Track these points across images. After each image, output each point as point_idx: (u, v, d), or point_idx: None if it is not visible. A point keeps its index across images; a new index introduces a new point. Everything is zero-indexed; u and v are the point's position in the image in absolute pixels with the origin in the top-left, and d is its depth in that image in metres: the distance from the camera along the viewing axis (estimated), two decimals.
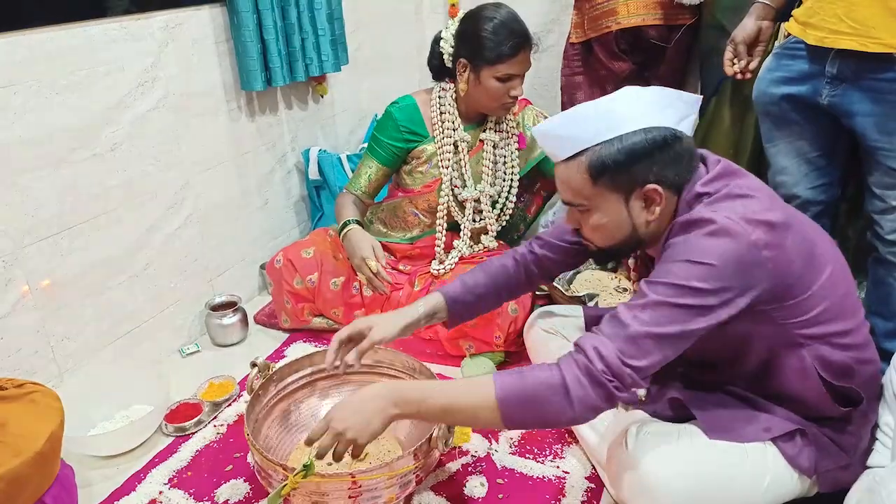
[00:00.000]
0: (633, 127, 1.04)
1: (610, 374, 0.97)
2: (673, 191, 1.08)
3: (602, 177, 1.06)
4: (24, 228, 1.45)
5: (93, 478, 1.43)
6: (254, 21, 1.88)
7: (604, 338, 1.00)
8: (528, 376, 1.02)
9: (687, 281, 0.98)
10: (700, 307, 0.98)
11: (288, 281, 1.86)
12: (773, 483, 1.10)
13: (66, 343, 1.58)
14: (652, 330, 0.98)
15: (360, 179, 1.90)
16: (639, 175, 1.05)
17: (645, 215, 1.09)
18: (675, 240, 1.04)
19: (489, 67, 1.70)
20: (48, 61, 1.45)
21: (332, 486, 1.14)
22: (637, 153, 1.04)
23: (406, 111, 1.86)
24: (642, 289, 1.02)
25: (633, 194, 1.07)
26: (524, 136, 1.91)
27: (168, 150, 1.78)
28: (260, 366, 1.41)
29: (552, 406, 0.99)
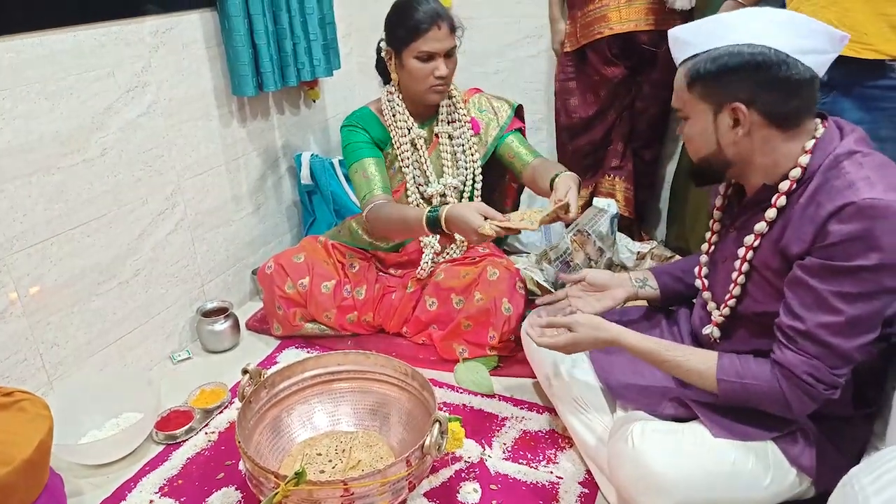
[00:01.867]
0: (739, 40, 1.01)
1: (828, 388, 1.04)
2: (768, 119, 1.04)
3: (695, 84, 1.06)
4: (12, 235, 1.44)
5: (82, 487, 1.42)
6: (245, 26, 1.88)
7: (815, 361, 1.03)
8: (749, 386, 1.09)
9: (880, 285, 0.98)
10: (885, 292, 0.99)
11: (279, 286, 1.85)
12: (774, 481, 1.11)
13: (55, 350, 1.57)
14: (858, 342, 1.01)
15: (373, 182, 1.74)
16: (729, 90, 1.04)
17: (731, 134, 1.07)
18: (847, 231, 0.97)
19: (406, 49, 1.70)
20: (37, 66, 1.44)
21: (324, 493, 1.13)
22: (729, 67, 1.02)
23: (364, 119, 1.85)
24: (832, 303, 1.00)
25: (723, 109, 1.06)
26: (477, 120, 1.90)
27: (158, 155, 1.77)
28: (251, 372, 1.40)
29: (772, 408, 1.09)
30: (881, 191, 0.96)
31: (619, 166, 2.30)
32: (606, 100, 2.19)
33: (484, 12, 2.40)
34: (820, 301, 1.01)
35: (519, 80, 2.50)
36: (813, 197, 1.03)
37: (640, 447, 1.13)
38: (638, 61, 2.12)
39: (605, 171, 2.32)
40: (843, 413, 1.13)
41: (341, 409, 1.51)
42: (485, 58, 2.49)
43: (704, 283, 1.28)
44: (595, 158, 2.34)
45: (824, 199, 1.00)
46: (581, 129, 2.26)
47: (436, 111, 1.87)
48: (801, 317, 1.02)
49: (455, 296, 1.80)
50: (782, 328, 1.06)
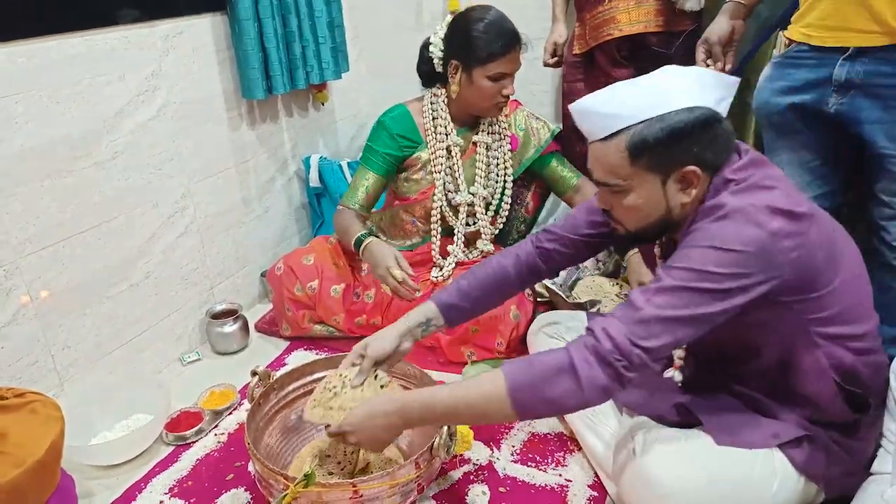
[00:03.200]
0: (677, 105, 1.02)
1: (618, 354, 0.97)
2: (709, 173, 1.06)
3: (642, 156, 1.04)
4: (24, 237, 1.45)
5: (93, 487, 1.43)
6: (255, 29, 1.89)
7: (614, 319, 1.00)
8: (535, 361, 1.03)
9: (704, 266, 0.97)
10: (716, 291, 0.98)
11: (288, 288, 1.86)
12: (780, 489, 1.09)
13: (66, 352, 1.58)
14: (664, 313, 0.98)
15: (358, 193, 1.87)
16: (679, 156, 1.04)
17: (681, 197, 1.07)
18: (697, 225, 1.03)
19: (481, 67, 1.71)
20: (49, 71, 1.45)
21: (333, 495, 1.13)
22: (680, 133, 1.02)
23: (399, 119, 1.87)
24: (659, 274, 1.02)
25: (672, 175, 1.05)
26: (516, 137, 1.92)
27: (169, 158, 1.78)
28: (261, 374, 1.41)
29: (560, 387, 0.99)
30: (731, 198, 1.01)
31: None
32: None
33: None
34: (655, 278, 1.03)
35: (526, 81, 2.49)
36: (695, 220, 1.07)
37: (642, 457, 1.12)
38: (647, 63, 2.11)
39: None
40: (846, 418, 1.11)
41: None
42: None
43: None
44: None
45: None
46: None
47: (476, 120, 1.88)
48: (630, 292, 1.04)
49: None
50: None
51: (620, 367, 0.97)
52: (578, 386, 0.98)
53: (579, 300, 1.84)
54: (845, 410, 1.09)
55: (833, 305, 1.04)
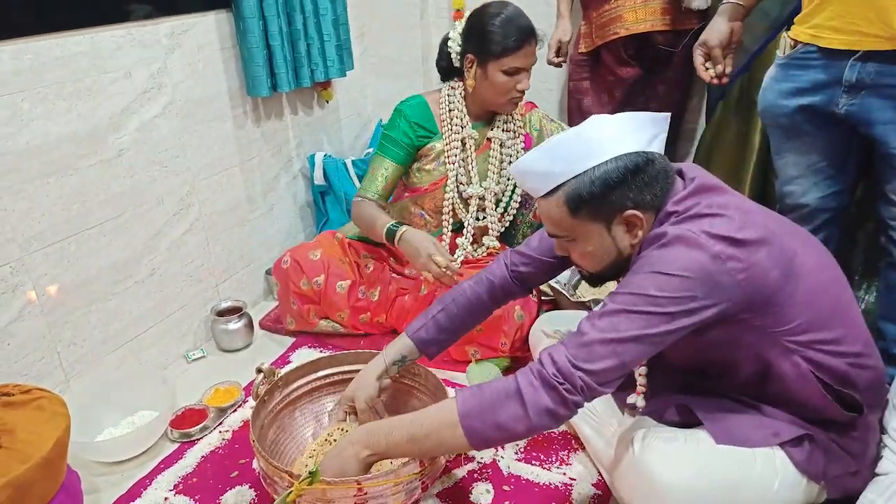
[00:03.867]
0: (605, 156, 1.04)
1: (560, 377, 0.99)
2: (652, 212, 1.08)
3: (580, 209, 1.07)
4: (31, 234, 1.46)
5: (99, 484, 1.43)
6: (259, 27, 1.89)
7: (560, 345, 1.03)
8: (486, 388, 1.05)
9: (645, 290, 1.00)
10: (658, 314, 0.99)
11: (294, 282, 1.86)
12: (781, 488, 1.09)
13: (72, 349, 1.59)
14: (606, 335, 1.00)
15: (376, 182, 1.86)
16: (616, 203, 1.06)
17: (628, 239, 1.10)
18: (641, 254, 1.06)
19: (496, 61, 1.72)
20: (55, 68, 1.45)
21: (337, 492, 1.13)
22: (611, 182, 1.04)
23: (417, 108, 1.87)
24: (605, 300, 1.04)
25: (614, 221, 1.08)
26: (530, 136, 1.92)
27: (174, 156, 1.78)
28: (265, 371, 1.41)
29: (508, 412, 1.02)
30: (671, 227, 1.03)
31: None
32: (620, 100, 2.18)
33: None
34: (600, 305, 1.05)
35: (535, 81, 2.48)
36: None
37: (641, 455, 1.12)
38: (652, 61, 2.11)
39: None
40: (842, 418, 1.11)
41: None
42: None
43: None
44: None
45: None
46: None
47: (492, 116, 1.88)
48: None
49: None
50: None
51: (563, 391, 0.99)
52: (524, 410, 1.00)
53: (583, 299, 1.84)
54: (839, 410, 1.09)
55: (798, 316, 1.04)
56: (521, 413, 1.01)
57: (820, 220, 1.57)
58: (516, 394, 1.01)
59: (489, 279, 1.41)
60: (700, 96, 2.27)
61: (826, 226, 1.57)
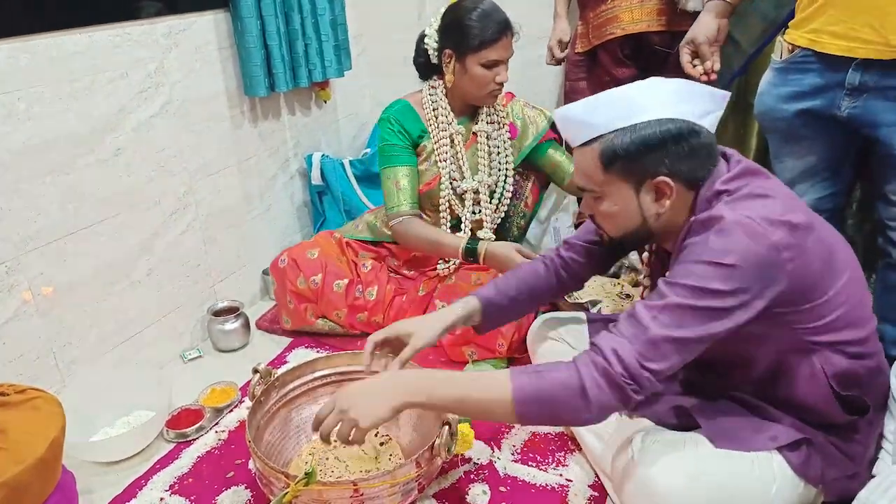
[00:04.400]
0: (648, 117, 1.02)
1: (628, 377, 0.97)
2: (686, 185, 1.06)
3: (613, 165, 1.05)
4: (27, 234, 1.45)
5: (94, 484, 1.43)
6: (257, 27, 1.89)
7: (623, 339, 0.99)
8: (545, 376, 1.02)
9: (707, 283, 0.97)
10: (720, 309, 0.97)
11: (291, 280, 1.86)
12: (779, 492, 1.09)
13: (68, 349, 1.58)
14: (672, 333, 0.97)
15: (405, 192, 1.81)
16: (649, 166, 1.04)
17: (655, 207, 1.08)
18: (694, 239, 1.02)
19: (474, 54, 1.73)
20: (51, 68, 1.45)
21: (334, 493, 1.14)
22: (649, 144, 1.02)
23: (402, 112, 1.87)
24: (661, 289, 1.01)
25: (644, 185, 1.06)
26: (514, 125, 1.94)
27: (171, 155, 1.78)
28: (262, 372, 1.41)
29: (568, 406, 1.00)
30: (727, 210, 1.00)
31: None
32: None
33: None
34: (656, 291, 1.02)
35: (528, 81, 2.50)
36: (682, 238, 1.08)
37: (640, 459, 1.11)
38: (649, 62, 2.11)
39: None
40: (842, 421, 1.11)
41: None
42: None
43: None
44: None
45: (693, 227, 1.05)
46: None
47: (475, 110, 1.90)
48: (635, 305, 1.03)
49: None
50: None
51: (630, 391, 0.97)
52: (587, 407, 0.98)
53: (580, 300, 1.84)
54: (841, 414, 1.09)
55: (829, 314, 1.03)
56: (583, 408, 0.99)
57: None
58: (580, 390, 0.98)
59: (542, 259, 1.42)
60: None
61: None
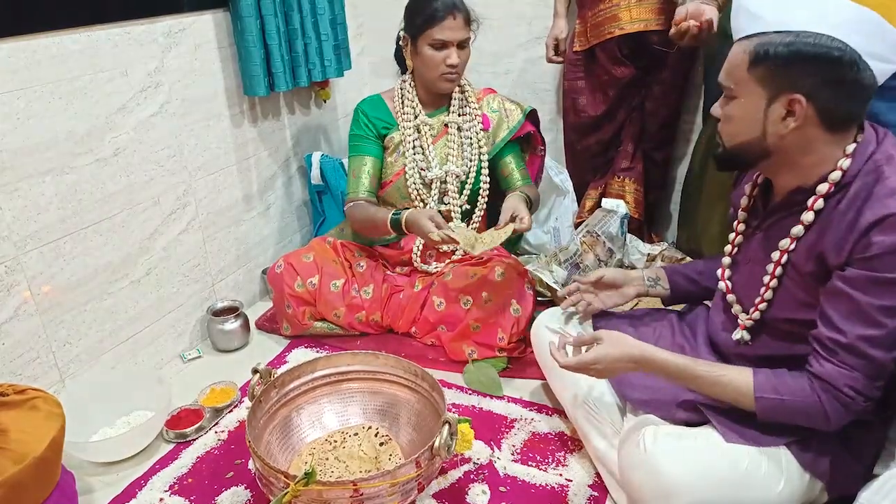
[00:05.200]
0: (817, 29, 0.97)
1: (865, 400, 1.03)
2: (823, 119, 1.01)
3: (759, 65, 1.01)
4: (26, 234, 1.45)
5: (93, 484, 1.43)
6: (257, 26, 1.88)
7: (855, 373, 1.02)
8: (788, 402, 1.07)
9: None
10: None
11: (289, 284, 1.86)
12: (786, 487, 1.10)
13: (67, 348, 1.58)
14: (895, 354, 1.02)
15: (361, 181, 1.91)
16: (792, 79, 0.99)
17: (779, 127, 1.03)
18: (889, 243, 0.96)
19: (422, 35, 1.77)
20: (51, 66, 1.45)
21: (333, 493, 1.13)
22: (802, 56, 0.97)
23: (372, 104, 1.94)
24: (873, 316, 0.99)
25: (779, 98, 1.01)
26: (488, 117, 1.95)
27: (171, 155, 1.78)
28: (261, 372, 1.40)
29: (809, 422, 1.07)
30: None
31: (629, 167, 2.29)
32: (615, 99, 2.18)
33: (495, 13, 2.39)
34: (861, 313, 1.00)
35: (530, 80, 2.50)
36: (852, 203, 1.01)
37: (652, 452, 1.12)
38: (648, 61, 2.11)
39: (615, 173, 2.32)
40: (864, 418, 1.10)
41: (351, 409, 1.52)
42: (496, 58, 2.49)
43: (728, 286, 1.25)
44: (604, 159, 2.33)
45: (865, 208, 0.99)
46: (590, 128, 2.26)
47: (448, 102, 1.91)
48: (841, 329, 1.01)
49: (463, 296, 1.80)
50: (821, 340, 1.04)
51: (865, 407, 1.04)
52: (827, 426, 1.06)
53: None
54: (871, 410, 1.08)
55: None
56: (823, 425, 1.06)
57: None
58: (823, 415, 1.04)
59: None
60: (697, 97, 2.27)
61: None
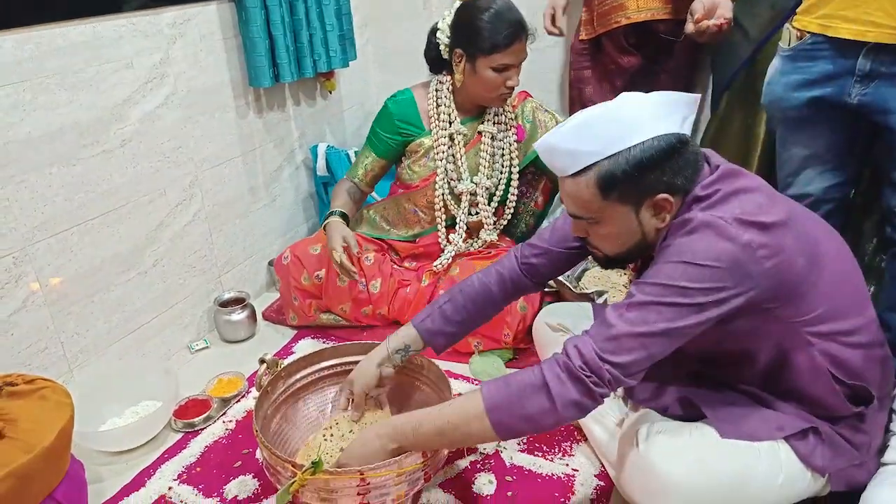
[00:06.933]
0: (641, 137, 1.00)
1: (588, 370, 0.99)
2: (681, 195, 1.06)
3: (612, 191, 1.03)
4: (33, 225, 1.46)
5: (102, 473, 1.44)
6: (262, 17, 1.88)
7: (586, 338, 1.01)
8: (511, 380, 1.04)
9: (675, 281, 0.98)
10: (689, 305, 0.98)
11: (295, 277, 1.86)
12: (786, 482, 1.09)
13: (75, 339, 1.59)
14: (635, 329, 0.99)
15: (358, 169, 1.93)
16: (649, 186, 1.03)
17: (655, 223, 1.07)
18: (669, 241, 1.03)
19: (485, 57, 1.69)
20: (57, 58, 1.45)
21: (340, 483, 1.14)
22: (647, 164, 1.00)
23: (402, 105, 1.87)
24: (631, 290, 1.03)
25: (644, 204, 1.05)
26: (523, 127, 1.91)
27: (177, 146, 1.78)
28: (268, 362, 1.41)
29: (535, 404, 1.01)
30: (699, 212, 1.01)
31: None
32: (622, 89, 2.16)
33: None
34: (626, 295, 1.03)
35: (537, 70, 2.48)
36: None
37: (644, 450, 1.12)
38: (655, 51, 2.10)
39: None
40: (847, 412, 1.10)
41: None
42: None
43: None
44: None
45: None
46: None
47: (483, 110, 1.86)
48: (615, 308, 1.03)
49: None
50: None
51: (590, 383, 0.98)
52: (552, 402, 1.00)
53: (586, 291, 1.84)
54: (846, 405, 1.08)
55: (820, 305, 1.03)
56: (549, 406, 1.00)
57: (823, 210, 1.56)
58: (543, 387, 1.00)
59: (498, 271, 1.36)
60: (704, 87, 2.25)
61: (829, 216, 1.56)
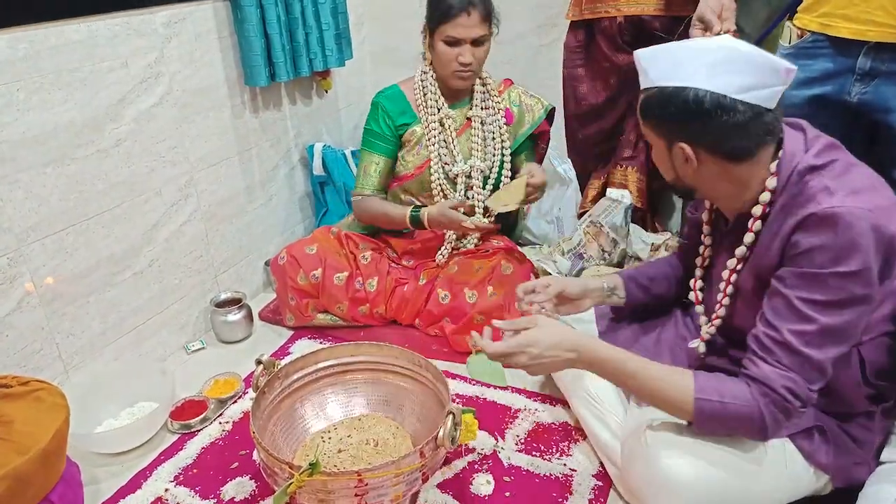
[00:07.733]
0: (680, 83, 1.02)
1: (802, 406, 1.02)
2: (717, 154, 1.05)
3: (647, 120, 1.10)
4: (28, 225, 1.45)
5: (98, 475, 1.43)
6: (257, 15, 1.87)
7: (793, 375, 1.01)
8: (727, 402, 1.04)
9: (850, 293, 0.98)
10: (865, 307, 1.00)
11: (292, 277, 1.85)
12: (790, 479, 1.10)
13: (71, 340, 1.58)
14: (831, 353, 1.01)
15: (370, 178, 1.91)
16: (672, 130, 1.07)
17: (684, 168, 1.10)
18: (813, 240, 0.98)
19: (437, 30, 1.75)
20: (51, 57, 1.44)
21: (338, 484, 1.13)
22: (670, 113, 1.05)
23: (392, 99, 1.89)
24: (803, 311, 1.00)
25: (672, 145, 1.09)
26: (511, 111, 1.94)
27: (172, 146, 1.77)
28: (265, 363, 1.40)
29: (745, 430, 1.06)
30: (840, 198, 0.98)
31: (631, 156, 2.27)
32: (617, 87, 2.15)
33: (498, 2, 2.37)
34: (791, 308, 1.01)
35: (532, 69, 2.48)
36: (778, 216, 1.06)
37: (653, 446, 1.12)
38: None
39: (618, 162, 2.30)
40: (861, 409, 1.11)
41: (355, 399, 1.51)
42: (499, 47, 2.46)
43: (698, 297, 1.29)
44: (607, 147, 2.31)
45: (789, 214, 1.03)
46: (591, 117, 2.24)
47: (470, 96, 1.90)
48: (775, 325, 1.02)
49: (468, 290, 1.79)
50: (758, 337, 1.05)
51: (801, 413, 1.03)
52: (763, 435, 1.05)
53: None
54: (864, 402, 1.09)
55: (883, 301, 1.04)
56: (760, 436, 1.05)
57: None
58: (759, 423, 1.02)
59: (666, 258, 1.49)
60: None
61: None
